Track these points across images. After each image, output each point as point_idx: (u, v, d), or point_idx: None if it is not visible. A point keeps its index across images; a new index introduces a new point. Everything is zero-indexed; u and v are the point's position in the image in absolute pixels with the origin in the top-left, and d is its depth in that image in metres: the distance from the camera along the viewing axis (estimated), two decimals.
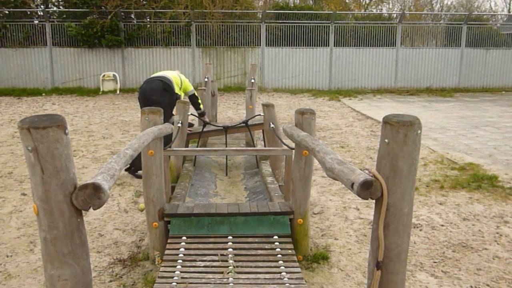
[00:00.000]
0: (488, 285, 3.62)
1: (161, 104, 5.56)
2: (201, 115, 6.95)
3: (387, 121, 1.78)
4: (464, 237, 4.47)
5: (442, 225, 4.75)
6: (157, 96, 6.28)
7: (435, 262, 3.98)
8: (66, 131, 1.69)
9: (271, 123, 5.47)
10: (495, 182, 5.91)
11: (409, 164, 1.78)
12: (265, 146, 6.47)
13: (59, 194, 1.69)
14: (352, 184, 1.86)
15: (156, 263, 3.71)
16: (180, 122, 5.47)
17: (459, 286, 3.62)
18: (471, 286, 3.62)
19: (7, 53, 15.13)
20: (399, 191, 1.81)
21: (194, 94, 6.83)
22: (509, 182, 6.00)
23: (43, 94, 14.65)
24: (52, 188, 1.68)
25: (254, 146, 6.74)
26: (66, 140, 1.69)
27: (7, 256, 3.98)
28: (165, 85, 6.19)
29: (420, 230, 4.60)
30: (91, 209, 1.77)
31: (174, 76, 6.51)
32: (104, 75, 15.16)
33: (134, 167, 6.10)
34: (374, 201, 5.14)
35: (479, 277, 3.75)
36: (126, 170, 6.23)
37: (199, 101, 6.94)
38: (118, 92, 15.04)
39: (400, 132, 1.75)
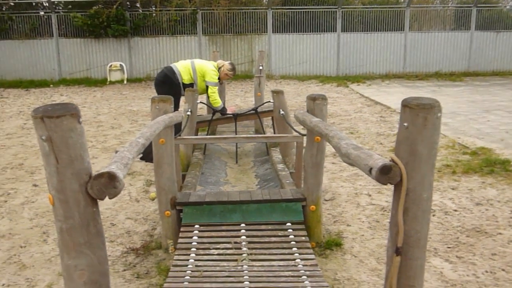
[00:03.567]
0: (503, 270, 3.59)
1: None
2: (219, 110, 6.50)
3: (406, 104, 1.74)
4: (478, 222, 4.43)
5: (455, 210, 4.71)
6: (156, 87, 6.35)
7: (449, 248, 3.95)
8: (80, 119, 1.67)
9: (281, 110, 5.43)
10: (508, 167, 5.84)
11: (429, 149, 1.75)
12: (274, 133, 6.43)
13: (74, 184, 1.67)
14: (370, 169, 1.83)
15: (170, 251, 3.71)
16: (189, 110, 5.44)
17: (474, 271, 3.59)
18: (486, 271, 3.59)
19: (13, 45, 15.13)
20: (419, 176, 1.77)
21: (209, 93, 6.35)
22: None
23: (51, 85, 14.66)
24: (67, 177, 1.66)
25: (263, 133, 6.71)
26: (80, 129, 1.67)
27: (21, 247, 4.00)
28: (165, 77, 6.21)
29: (433, 215, 4.56)
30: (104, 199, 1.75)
31: (184, 66, 6.33)
32: (111, 65, 15.14)
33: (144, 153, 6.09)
34: (386, 187, 5.08)
35: (494, 262, 3.72)
36: (141, 159, 6.27)
37: (214, 98, 6.37)
38: (125, 82, 15.02)
39: (419, 116, 1.71)
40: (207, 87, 6.29)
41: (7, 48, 15.12)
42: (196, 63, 6.40)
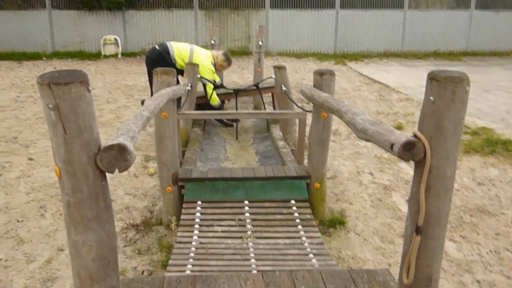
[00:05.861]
0: (508, 250, 3.57)
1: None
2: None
3: (434, 77, 1.65)
4: (481, 202, 4.40)
5: (458, 190, 4.67)
6: (148, 65, 6.20)
7: (453, 227, 3.92)
8: (89, 87, 1.57)
9: (283, 86, 5.32)
10: (510, 147, 5.81)
11: (455, 124, 1.67)
12: (274, 110, 6.33)
13: (83, 156, 1.58)
14: (392, 145, 1.75)
15: (173, 228, 3.65)
16: (189, 85, 5.31)
17: (478, 250, 3.57)
18: (491, 251, 3.57)
19: (5, 15, 14.74)
20: (443, 152, 1.69)
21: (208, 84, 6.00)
22: None
23: (44, 58, 14.36)
24: (76, 149, 1.57)
25: (264, 110, 6.60)
26: (89, 97, 1.57)
27: (18, 221, 3.92)
28: (159, 56, 6.03)
29: None
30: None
31: (181, 51, 6.05)
32: (105, 39, 14.83)
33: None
34: (388, 165, 5.00)
35: (498, 241, 3.70)
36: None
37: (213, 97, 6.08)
38: (120, 56, 14.75)
39: (447, 89, 1.62)
40: (203, 84, 6.05)
41: None
42: (194, 53, 6.04)
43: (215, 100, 6.05)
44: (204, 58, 6.02)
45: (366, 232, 3.81)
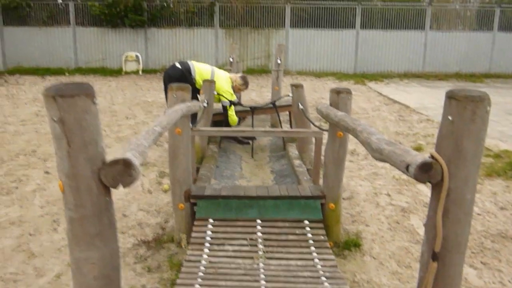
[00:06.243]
0: None
1: None
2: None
3: (453, 96, 1.58)
4: (503, 227, 4.24)
5: (479, 214, 4.52)
6: (168, 83, 6.20)
7: (473, 253, 3.77)
8: (95, 100, 1.54)
9: (299, 104, 5.27)
10: None
11: (476, 145, 1.58)
12: (291, 128, 6.28)
13: (87, 170, 1.54)
14: (408, 166, 1.67)
15: (183, 246, 3.59)
16: (206, 101, 5.31)
17: (500, 278, 3.41)
18: None
19: (31, 32, 15.12)
20: (462, 175, 1.61)
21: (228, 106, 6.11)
22: None
23: (67, 73, 14.64)
24: (80, 163, 1.53)
25: (281, 128, 6.55)
26: (95, 110, 1.54)
27: (30, 235, 3.91)
28: (182, 76, 6.04)
29: None
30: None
31: (203, 72, 6.13)
32: (126, 56, 15.07)
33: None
34: (406, 187, 4.87)
35: None
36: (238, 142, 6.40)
37: (233, 117, 6.21)
38: (140, 73, 14.95)
39: (467, 109, 1.55)
40: (223, 106, 6.17)
41: (25, 35, 15.12)
42: (215, 75, 6.15)
43: (234, 121, 6.09)
44: (223, 82, 6.11)
45: (382, 255, 3.69)
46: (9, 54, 15.11)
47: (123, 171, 1.55)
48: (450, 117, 1.59)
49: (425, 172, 1.60)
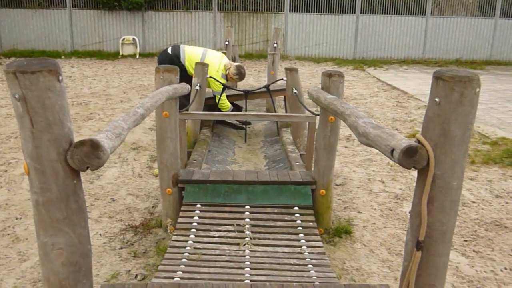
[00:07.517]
0: None
1: None
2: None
3: (440, 76, 1.49)
4: (498, 215, 4.17)
5: (473, 202, 4.45)
6: None
7: (466, 241, 3.71)
8: (60, 77, 1.45)
9: (294, 89, 5.16)
10: None
11: (464, 129, 1.50)
12: (286, 113, 6.17)
13: (52, 152, 1.46)
14: (392, 150, 1.59)
15: (169, 231, 3.52)
16: (198, 85, 5.20)
17: (492, 267, 3.36)
18: (506, 268, 3.35)
19: (26, 14, 14.91)
20: (449, 161, 1.53)
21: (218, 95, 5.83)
22: None
23: (63, 57, 14.48)
24: (44, 144, 1.45)
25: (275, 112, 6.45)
26: (60, 88, 1.45)
27: (16, 219, 3.85)
28: (171, 62, 5.72)
29: None
30: (105, 173, 1.54)
31: (193, 56, 5.86)
32: (123, 39, 14.89)
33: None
34: (401, 173, 4.78)
35: None
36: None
37: (223, 103, 5.95)
38: (137, 56, 14.79)
39: (455, 90, 1.46)
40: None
41: (20, 17, 14.91)
42: (206, 59, 5.80)
43: (227, 107, 5.92)
44: (215, 67, 5.78)
45: (373, 243, 3.63)
46: (4, 36, 14.93)
47: (91, 152, 1.47)
48: (437, 99, 1.50)
49: (410, 157, 1.53)
